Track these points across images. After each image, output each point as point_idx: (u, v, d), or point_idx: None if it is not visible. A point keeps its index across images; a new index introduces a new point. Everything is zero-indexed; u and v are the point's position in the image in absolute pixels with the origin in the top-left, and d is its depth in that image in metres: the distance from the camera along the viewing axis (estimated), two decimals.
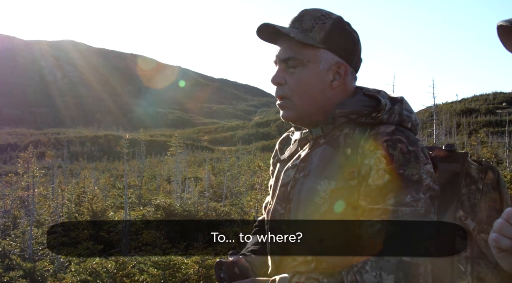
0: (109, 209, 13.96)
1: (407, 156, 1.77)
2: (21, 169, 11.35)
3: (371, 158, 1.80)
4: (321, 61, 1.94)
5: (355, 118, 1.90)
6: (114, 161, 56.01)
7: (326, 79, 1.95)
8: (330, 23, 1.94)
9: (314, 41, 1.92)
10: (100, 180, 23.05)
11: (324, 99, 1.97)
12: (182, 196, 17.37)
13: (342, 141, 1.90)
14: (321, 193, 1.84)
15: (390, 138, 1.81)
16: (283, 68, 1.98)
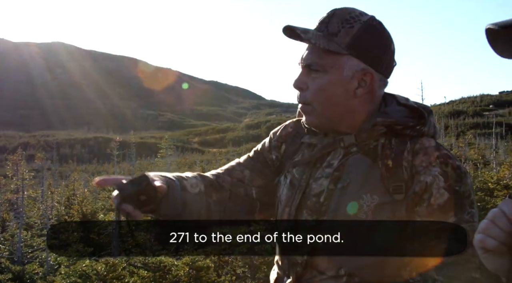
0: (99, 212, 13.91)
1: (458, 172, 1.77)
2: (10, 172, 11.28)
3: (427, 175, 1.77)
4: (344, 67, 1.87)
5: (400, 129, 1.87)
6: (104, 163, 55.83)
7: (349, 87, 1.88)
8: (358, 27, 1.86)
9: (338, 47, 1.85)
10: (90, 183, 22.96)
11: (348, 107, 1.91)
12: None
13: (380, 152, 1.86)
14: (364, 207, 1.80)
15: (440, 154, 1.80)
16: (305, 72, 1.92)
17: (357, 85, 1.88)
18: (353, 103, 1.90)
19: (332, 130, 1.97)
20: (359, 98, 1.89)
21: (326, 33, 1.86)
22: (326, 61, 1.86)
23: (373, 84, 1.90)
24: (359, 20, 1.87)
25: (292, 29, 1.88)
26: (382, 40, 1.91)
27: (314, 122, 1.97)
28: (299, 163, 2.06)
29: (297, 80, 1.93)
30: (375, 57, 1.89)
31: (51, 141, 70.19)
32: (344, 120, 1.92)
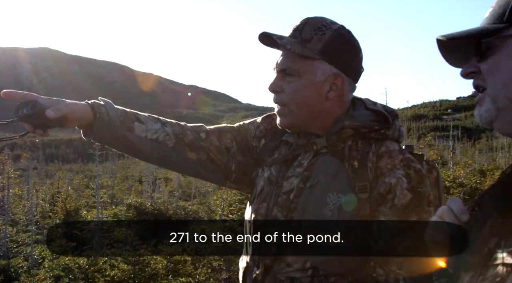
0: (82, 208, 13.86)
1: (420, 174, 1.80)
2: None
3: (392, 177, 1.80)
4: (317, 72, 1.89)
5: (366, 132, 1.89)
6: (88, 163, 55.53)
7: (322, 90, 1.90)
8: (329, 34, 1.89)
9: (312, 52, 1.86)
10: (74, 181, 22.85)
11: (320, 109, 1.92)
12: (153, 195, 17.33)
13: (347, 154, 1.88)
14: (330, 206, 1.82)
15: (403, 157, 1.83)
16: (280, 76, 1.92)
17: (328, 89, 1.89)
18: (325, 105, 1.91)
19: (304, 131, 1.98)
20: (331, 101, 1.91)
21: (300, 39, 1.88)
22: (300, 65, 1.88)
23: (343, 88, 1.91)
24: (330, 28, 1.89)
25: (268, 35, 1.90)
26: (351, 47, 1.94)
27: (288, 123, 1.96)
28: (277, 160, 2.06)
29: (273, 84, 1.93)
30: (345, 62, 1.91)
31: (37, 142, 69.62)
32: (316, 121, 1.93)
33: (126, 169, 34.41)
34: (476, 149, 34.06)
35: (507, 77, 1.16)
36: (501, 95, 1.17)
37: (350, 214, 1.79)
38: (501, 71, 1.17)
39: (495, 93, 1.18)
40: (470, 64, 1.26)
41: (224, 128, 2.27)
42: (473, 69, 1.24)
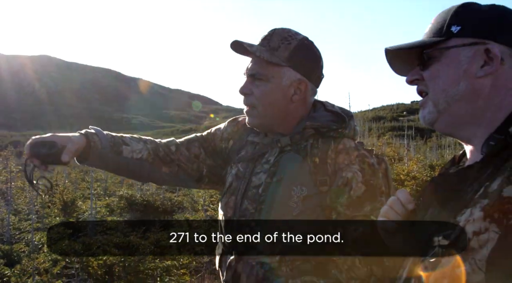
0: (78, 199, 13.76)
1: (372, 168, 1.85)
2: (0, 165, 11.07)
3: (348, 171, 1.84)
4: (283, 77, 1.92)
5: (325, 131, 1.91)
6: None
7: (287, 94, 1.94)
8: (295, 43, 1.92)
9: (279, 59, 1.89)
10: (71, 175, 22.59)
11: (285, 110, 1.95)
12: (142, 188, 17.22)
13: (309, 151, 1.89)
14: (295, 198, 1.84)
15: (358, 153, 1.87)
16: (250, 80, 1.95)
17: (293, 92, 1.94)
18: (290, 107, 1.95)
19: (270, 130, 2.02)
20: (295, 103, 1.95)
21: (268, 47, 1.92)
22: (268, 71, 1.92)
23: (306, 92, 1.97)
24: (295, 38, 1.94)
25: (239, 43, 1.92)
26: (314, 56, 1.98)
27: (256, 122, 1.99)
28: (244, 158, 2.08)
29: (243, 87, 1.97)
30: (308, 69, 1.96)
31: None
32: (281, 122, 1.97)
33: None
34: (427, 147, 34.30)
35: (446, 84, 1.24)
36: (441, 99, 1.25)
37: (312, 205, 1.82)
38: (441, 78, 1.25)
39: (436, 98, 1.26)
40: (413, 72, 1.33)
41: (192, 138, 2.31)
42: (417, 77, 1.31)
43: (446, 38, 1.25)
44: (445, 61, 1.25)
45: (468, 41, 1.22)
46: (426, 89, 1.29)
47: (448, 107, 1.24)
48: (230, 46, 1.96)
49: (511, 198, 1.01)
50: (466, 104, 1.22)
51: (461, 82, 1.22)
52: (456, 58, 1.23)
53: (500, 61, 1.19)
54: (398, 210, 1.35)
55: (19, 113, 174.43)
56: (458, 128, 1.27)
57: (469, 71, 1.21)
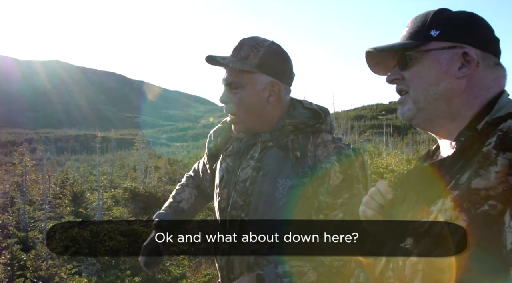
0: (87, 191, 13.73)
1: (349, 159, 1.87)
2: (16, 160, 11.06)
3: (327, 162, 1.85)
4: (257, 82, 1.93)
5: (303, 127, 1.92)
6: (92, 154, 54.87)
7: (263, 97, 1.95)
8: (263, 50, 1.93)
9: (250, 67, 1.90)
10: (80, 169, 22.54)
11: (264, 112, 1.96)
12: (145, 181, 17.20)
13: (290, 146, 1.91)
14: (280, 189, 1.86)
15: (335, 146, 1.89)
16: (227, 89, 1.96)
17: (268, 95, 1.95)
18: (268, 109, 1.97)
19: (254, 132, 2.02)
20: (271, 104, 1.97)
21: (239, 57, 1.93)
22: (242, 79, 1.93)
23: (280, 92, 1.98)
24: (263, 45, 1.95)
25: (212, 57, 1.94)
26: (282, 58, 1.99)
27: (241, 128, 2.02)
28: (231, 153, 2.11)
29: (222, 96, 1.99)
30: (279, 71, 1.96)
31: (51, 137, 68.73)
32: (262, 122, 1.99)
33: (123, 159, 34.07)
34: (404, 143, 34.35)
35: (428, 83, 1.25)
36: (421, 98, 1.26)
37: (295, 195, 1.85)
38: (422, 78, 1.26)
39: (416, 96, 1.27)
40: (393, 72, 1.33)
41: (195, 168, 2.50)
42: (397, 76, 1.32)
43: (426, 41, 1.27)
44: (426, 62, 1.26)
45: (447, 45, 1.24)
46: (406, 88, 1.30)
47: (428, 105, 1.26)
48: (205, 60, 1.97)
49: (479, 189, 1.02)
50: (444, 102, 1.24)
51: (441, 82, 1.24)
52: (437, 60, 1.25)
53: (476, 63, 1.22)
54: (378, 200, 1.36)
55: (32, 112, 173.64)
56: (434, 124, 1.29)
57: (449, 72, 1.23)
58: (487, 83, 1.24)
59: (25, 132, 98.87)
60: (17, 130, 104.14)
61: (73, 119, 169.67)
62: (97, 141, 11.69)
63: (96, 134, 13.10)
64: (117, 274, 6.13)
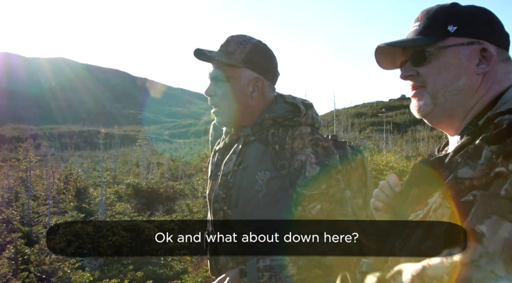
0: (90, 187, 13.77)
1: (327, 150, 1.87)
2: (21, 156, 11.10)
3: (302, 154, 1.85)
4: (242, 77, 1.97)
5: (281, 121, 1.94)
6: (95, 150, 54.91)
7: (247, 91, 1.98)
8: (249, 47, 1.97)
9: (236, 61, 1.94)
10: (84, 165, 22.57)
11: (247, 106, 2.00)
12: (147, 177, 17.23)
13: (270, 139, 1.93)
14: (259, 182, 1.88)
15: (312, 138, 1.88)
16: (213, 83, 1.99)
17: (252, 90, 1.99)
18: (250, 103, 2.00)
19: (236, 125, 2.05)
20: (255, 99, 2.00)
21: (226, 52, 1.97)
22: (228, 73, 1.96)
23: (263, 88, 2.01)
24: (250, 42, 1.99)
25: (200, 51, 1.97)
26: (268, 56, 2.03)
27: (222, 121, 2.05)
28: (220, 147, 2.16)
29: (207, 89, 2.02)
30: (263, 68, 2.00)
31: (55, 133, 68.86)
32: (244, 117, 2.01)
33: (126, 155, 34.10)
34: (404, 140, 34.41)
35: (447, 79, 1.23)
36: (440, 94, 1.24)
37: (275, 187, 1.86)
38: (442, 75, 1.24)
39: (435, 92, 1.25)
40: (407, 68, 1.30)
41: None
42: (411, 73, 1.29)
43: (444, 37, 1.24)
44: (444, 59, 1.24)
45: (466, 41, 1.23)
46: (422, 84, 1.28)
47: (445, 101, 1.25)
48: (193, 53, 1.99)
49: (464, 178, 1.04)
50: (462, 98, 1.23)
51: (461, 78, 1.22)
52: (456, 56, 1.23)
53: (494, 59, 1.21)
54: (387, 192, 1.38)
55: (37, 108, 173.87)
56: (448, 120, 1.28)
57: (468, 68, 1.22)
58: (500, 78, 1.23)
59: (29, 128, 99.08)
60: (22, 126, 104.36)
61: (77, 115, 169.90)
62: (101, 137, 11.70)
63: (99, 131, 13.10)
64: (120, 269, 6.13)
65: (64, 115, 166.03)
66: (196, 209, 10.45)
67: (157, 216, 9.82)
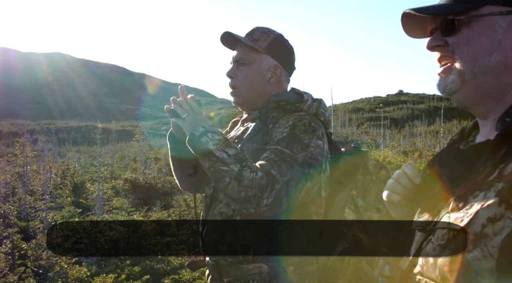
0: (87, 182, 13.76)
1: (307, 127, 1.90)
2: (18, 151, 11.08)
3: (281, 127, 1.93)
4: (263, 62, 2.09)
5: (283, 105, 2.03)
6: (93, 145, 54.82)
7: (265, 76, 2.10)
8: (272, 37, 2.11)
9: (259, 47, 2.06)
10: (81, 160, 22.58)
11: (263, 90, 2.11)
12: (145, 172, 17.23)
13: (269, 121, 2.02)
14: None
15: (299, 115, 1.95)
16: (235, 66, 2.11)
17: (270, 76, 2.12)
18: (267, 88, 2.12)
19: (251, 108, 2.16)
20: (271, 85, 2.12)
21: (251, 38, 2.10)
22: (251, 57, 2.09)
23: (281, 76, 2.14)
24: (273, 33, 2.14)
25: (229, 34, 2.10)
26: (287, 48, 2.17)
27: (239, 101, 2.15)
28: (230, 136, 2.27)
29: (230, 71, 2.14)
30: (283, 58, 2.13)
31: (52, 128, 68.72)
32: (259, 100, 2.13)
33: (123, 150, 34.09)
34: (401, 135, 34.46)
35: (477, 52, 1.07)
36: (468, 69, 1.08)
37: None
38: (471, 46, 1.08)
39: (463, 66, 1.09)
40: (435, 37, 1.15)
41: None
42: (439, 42, 1.14)
43: (480, 4, 1.07)
44: (477, 28, 1.08)
45: (504, 9, 1.05)
46: (450, 55, 1.12)
47: (475, 78, 1.08)
48: (220, 36, 2.12)
49: None
50: (494, 77, 1.06)
51: (494, 53, 1.05)
52: (491, 26, 1.06)
53: None
54: (404, 184, 1.25)
55: (34, 104, 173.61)
56: (478, 101, 1.11)
57: (503, 43, 1.05)
58: None
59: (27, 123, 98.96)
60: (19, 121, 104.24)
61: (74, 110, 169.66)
62: (97, 132, 11.70)
63: (97, 126, 13.09)
64: (117, 264, 6.13)
65: (61, 110, 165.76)
66: (193, 204, 10.44)
67: (154, 212, 9.83)
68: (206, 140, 1.82)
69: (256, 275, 1.87)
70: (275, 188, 1.73)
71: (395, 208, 1.28)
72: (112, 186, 13.56)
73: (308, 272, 1.90)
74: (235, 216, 1.92)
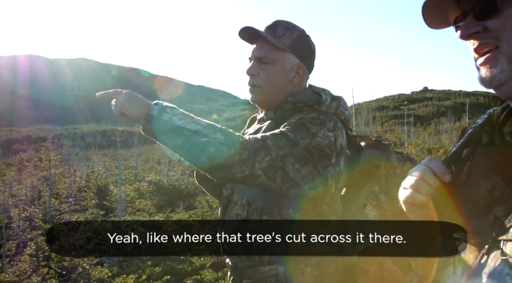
0: (110, 184, 13.93)
1: (316, 119, 1.84)
2: (43, 155, 11.31)
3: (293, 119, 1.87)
4: (286, 61, 1.99)
5: (300, 106, 1.94)
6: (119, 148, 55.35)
7: (289, 76, 2.00)
8: (296, 33, 2.00)
9: (283, 45, 1.96)
10: (106, 163, 22.82)
11: (285, 90, 2.01)
12: (169, 174, 17.36)
13: (284, 122, 1.92)
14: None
15: (311, 110, 1.90)
16: (256, 63, 2.00)
17: (293, 75, 2.01)
18: (289, 88, 2.02)
19: (270, 107, 2.07)
20: (293, 85, 2.02)
21: (274, 35, 1.98)
22: (274, 55, 1.98)
23: (303, 76, 2.04)
24: (297, 29, 2.02)
25: (249, 28, 1.99)
26: (311, 47, 2.07)
27: (259, 99, 2.05)
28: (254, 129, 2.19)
29: (250, 68, 2.02)
30: (306, 57, 2.04)
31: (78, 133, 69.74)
32: (279, 99, 2.02)
33: (147, 153, 34.40)
34: (427, 133, 34.08)
35: None
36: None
37: None
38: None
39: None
40: (469, 23, 0.96)
41: None
42: (477, 29, 0.94)
43: None
44: None
45: None
46: (493, 42, 0.93)
47: None
48: (239, 31, 2.01)
49: None
50: None
51: None
52: None
53: None
54: (430, 182, 1.02)
55: (60, 109, 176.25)
56: None
57: None
58: None
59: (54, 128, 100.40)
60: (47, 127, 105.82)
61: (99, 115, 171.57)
62: (118, 135, 11.87)
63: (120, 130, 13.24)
64: (139, 265, 6.18)
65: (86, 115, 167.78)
66: (215, 205, 10.49)
67: (177, 213, 9.89)
68: (168, 117, 1.71)
69: (273, 277, 1.83)
70: (270, 154, 1.69)
71: (417, 210, 1.06)
72: (135, 188, 13.68)
73: (326, 273, 1.84)
74: (250, 217, 1.88)
